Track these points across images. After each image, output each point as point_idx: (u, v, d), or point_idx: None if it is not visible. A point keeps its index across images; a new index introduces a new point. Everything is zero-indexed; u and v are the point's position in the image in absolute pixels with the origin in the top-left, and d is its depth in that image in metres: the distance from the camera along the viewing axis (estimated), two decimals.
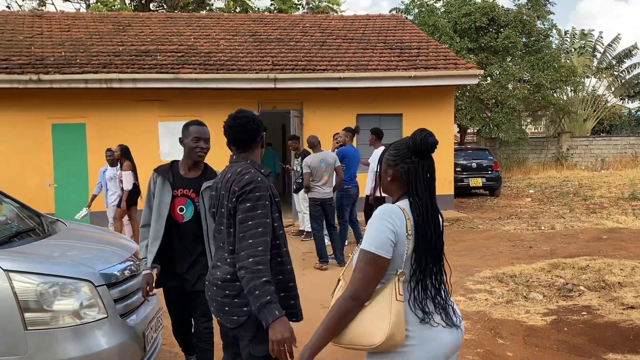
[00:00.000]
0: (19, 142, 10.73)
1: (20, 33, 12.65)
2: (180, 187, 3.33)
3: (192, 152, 3.31)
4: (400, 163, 2.02)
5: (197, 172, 3.39)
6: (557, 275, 6.43)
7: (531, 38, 22.18)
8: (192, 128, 3.35)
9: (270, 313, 2.17)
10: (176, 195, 3.32)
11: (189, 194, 3.32)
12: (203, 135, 3.33)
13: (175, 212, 3.32)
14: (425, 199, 2.01)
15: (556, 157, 23.11)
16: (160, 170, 3.41)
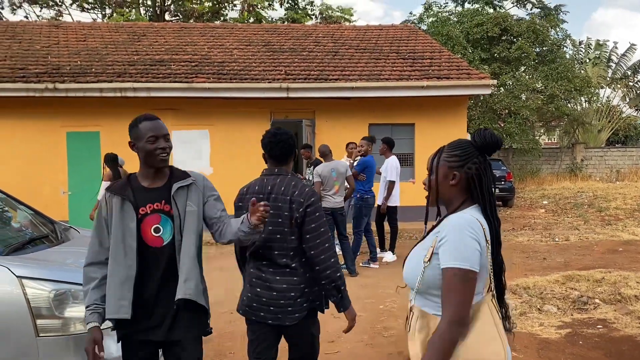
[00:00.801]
0: (34, 149, 10.86)
1: (38, 42, 12.85)
2: (147, 202, 2.47)
3: (151, 156, 2.47)
4: (468, 163, 1.83)
5: (164, 179, 2.54)
6: (571, 288, 6.33)
7: (544, 48, 22.10)
8: (144, 125, 2.48)
9: (347, 300, 2.88)
10: (145, 213, 2.46)
11: (161, 207, 2.48)
12: (160, 132, 2.49)
13: (149, 235, 2.46)
14: (494, 202, 1.85)
15: (570, 168, 22.91)
16: (114, 188, 2.51)
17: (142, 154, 2.49)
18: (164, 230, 2.48)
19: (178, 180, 2.53)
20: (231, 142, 11.43)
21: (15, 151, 10.85)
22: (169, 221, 2.49)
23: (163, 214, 2.49)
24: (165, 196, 2.50)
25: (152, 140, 2.47)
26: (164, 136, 2.50)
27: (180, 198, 2.51)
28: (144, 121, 2.51)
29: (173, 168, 2.61)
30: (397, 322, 5.28)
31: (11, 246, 3.27)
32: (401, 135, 11.72)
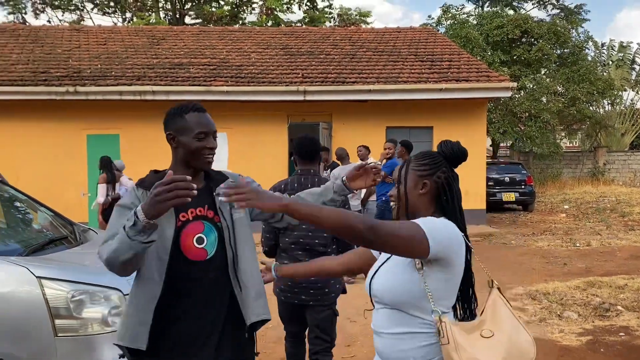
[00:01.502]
0: (55, 152, 11.02)
1: (59, 46, 13.05)
2: (189, 207, 2.03)
3: (196, 156, 2.06)
4: (437, 172, 1.83)
5: (201, 181, 2.15)
6: (593, 294, 6.22)
7: (565, 50, 21.81)
8: (193, 117, 2.07)
9: None
10: (186, 220, 2.05)
11: (204, 212, 2.08)
12: (211, 128, 2.10)
13: (191, 246, 2.03)
14: (461, 213, 1.87)
15: (592, 172, 22.54)
16: (148, 183, 2.01)
17: (183, 151, 2.05)
18: (207, 240, 2.04)
19: (218, 184, 1.96)
20: (248, 145, 11.47)
21: (36, 153, 11.02)
22: (213, 230, 2.06)
23: (207, 221, 2.07)
24: (208, 201, 2.10)
25: (202, 138, 2.03)
26: (213, 133, 2.10)
27: (224, 204, 2.06)
28: (192, 112, 2.06)
29: (209, 170, 2.22)
30: None
31: (31, 247, 3.31)
32: (419, 139, 11.63)
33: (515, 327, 1.75)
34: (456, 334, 1.68)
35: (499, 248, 9.79)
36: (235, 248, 2.09)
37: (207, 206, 2.09)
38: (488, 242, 10.38)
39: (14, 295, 2.82)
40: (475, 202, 11.96)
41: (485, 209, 12.32)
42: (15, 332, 2.77)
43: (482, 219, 12.03)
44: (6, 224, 4.06)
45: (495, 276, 6.78)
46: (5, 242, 3.61)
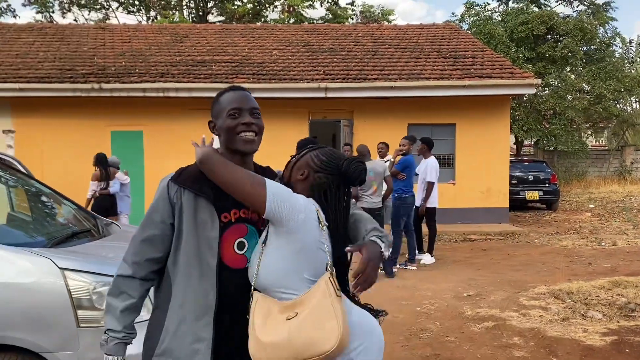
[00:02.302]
0: (80, 148, 11.20)
1: (85, 44, 13.26)
2: (232, 207, 1.81)
3: (231, 135, 1.84)
4: (322, 173, 1.78)
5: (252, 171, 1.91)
6: (618, 294, 6.10)
7: (592, 47, 21.40)
8: (227, 97, 1.90)
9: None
10: (228, 221, 1.81)
11: (248, 215, 1.83)
12: (247, 104, 1.87)
13: (229, 252, 1.80)
14: (338, 216, 1.78)
15: (619, 171, 22.11)
16: (184, 178, 1.83)
17: (222, 135, 1.87)
18: (248, 246, 1.81)
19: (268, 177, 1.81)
20: (270, 142, 11.41)
21: (62, 149, 11.21)
22: (255, 235, 1.82)
23: (250, 224, 1.83)
24: None
25: (235, 114, 1.84)
26: (250, 110, 1.86)
27: None
28: (226, 92, 1.92)
29: (257, 165, 1.98)
30: (434, 324, 5.19)
31: (55, 239, 3.37)
32: (441, 136, 11.55)
33: (324, 314, 1.59)
34: (256, 314, 1.67)
35: (521, 247, 9.67)
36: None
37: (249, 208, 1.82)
38: (511, 241, 10.25)
39: (38, 285, 2.87)
40: (498, 200, 11.82)
41: (508, 208, 12.17)
42: (39, 322, 2.82)
43: (505, 218, 11.89)
44: (31, 216, 4.14)
45: (517, 274, 6.71)
46: (30, 234, 3.68)
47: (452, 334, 4.93)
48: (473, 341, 4.73)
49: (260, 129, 1.88)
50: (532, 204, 15.28)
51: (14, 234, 3.54)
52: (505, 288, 6.51)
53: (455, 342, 4.71)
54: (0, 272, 2.86)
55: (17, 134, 11.30)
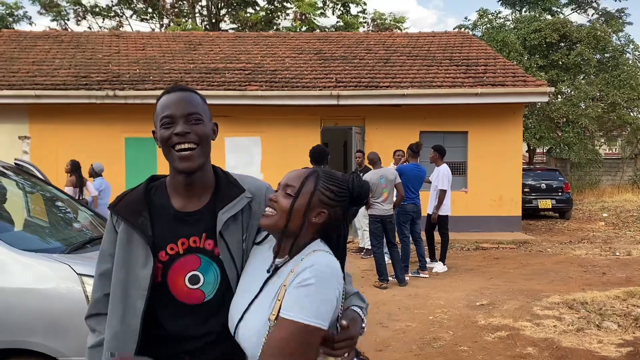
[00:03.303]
0: (94, 154, 11.31)
1: (100, 52, 13.43)
2: (179, 236, 1.56)
3: (166, 150, 1.56)
4: (339, 207, 1.50)
5: (205, 195, 1.61)
6: (633, 305, 6.03)
7: (605, 55, 21.28)
8: (161, 101, 1.58)
9: None
10: (175, 254, 1.55)
11: (200, 243, 1.57)
12: (180, 110, 1.54)
13: (181, 287, 1.55)
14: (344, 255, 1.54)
15: (633, 179, 21.90)
16: (121, 207, 1.61)
17: (162, 149, 1.57)
18: (205, 279, 1.55)
19: (226, 202, 1.57)
20: (282, 149, 11.55)
21: (76, 155, 11.28)
22: (212, 266, 1.56)
23: (204, 255, 1.56)
24: (207, 226, 1.56)
25: (167, 124, 1.52)
26: (185, 116, 1.52)
27: (232, 232, 1.57)
28: (164, 95, 1.58)
29: (220, 175, 1.65)
30: (446, 333, 5.17)
31: (72, 245, 3.41)
32: (453, 144, 11.53)
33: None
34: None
35: (534, 256, 9.60)
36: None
37: (206, 234, 1.56)
38: (524, 250, 10.18)
39: (56, 291, 2.91)
40: (510, 208, 11.76)
41: (521, 216, 12.10)
42: (57, 328, 2.85)
43: (517, 226, 11.82)
44: (49, 222, 4.19)
45: (530, 284, 6.68)
46: (47, 240, 3.73)
47: (465, 343, 4.90)
48: (486, 351, 4.70)
49: (202, 137, 1.52)
50: (544, 212, 15.17)
51: (32, 239, 3.59)
52: (518, 297, 6.47)
53: (468, 352, 4.69)
54: (19, 278, 2.91)
55: (32, 140, 11.45)
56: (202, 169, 1.56)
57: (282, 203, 1.47)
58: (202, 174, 1.58)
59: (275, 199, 1.49)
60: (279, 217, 1.47)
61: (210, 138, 1.59)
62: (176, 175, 1.58)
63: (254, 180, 1.72)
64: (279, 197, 1.49)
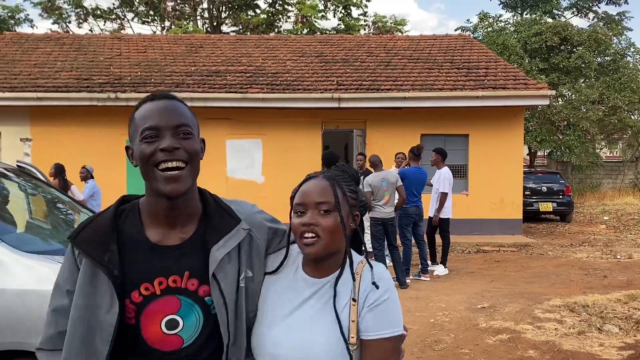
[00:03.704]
0: (95, 156, 11.33)
1: (101, 54, 13.45)
2: (155, 275, 1.33)
3: (146, 169, 1.32)
4: (358, 203, 1.48)
5: (190, 225, 1.39)
6: (635, 308, 6.03)
7: (606, 58, 21.30)
8: (140, 112, 1.35)
9: None
10: (150, 295, 1.33)
11: (181, 283, 1.35)
12: (168, 121, 1.31)
13: (155, 333, 1.34)
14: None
15: (634, 182, 21.90)
16: (83, 238, 1.35)
17: (139, 167, 1.33)
18: (185, 323, 1.33)
19: (218, 235, 1.36)
20: (283, 152, 11.56)
21: (78, 157, 11.33)
22: (194, 309, 1.34)
23: (186, 297, 1.33)
24: (191, 263, 1.34)
25: (150, 137, 1.28)
26: (174, 129, 1.29)
27: (227, 271, 1.35)
28: (144, 103, 1.35)
29: (209, 201, 1.43)
30: (448, 336, 5.17)
31: None
32: (454, 147, 11.53)
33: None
34: None
35: (535, 258, 9.59)
36: (235, 333, 1.36)
37: (190, 272, 1.33)
38: (525, 252, 10.18)
39: None
40: (511, 211, 11.76)
41: (522, 219, 12.09)
42: None
43: (518, 229, 11.81)
44: (50, 224, 4.20)
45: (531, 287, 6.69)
46: (49, 242, 3.74)
47: (466, 346, 4.90)
48: (488, 354, 4.70)
49: (192, 155, 1.31)
50: (545, 215, 15.17)
51: (34, 241, 3.60)
52: (519, 300, 6.47)
53: (469, 355, 4.69)
54: (21, 279, 2.91)
55: (34, 142, 11.47)
56: (189, 192, 1.33)
57: (325, 223, 1.35)
58: (188, 198, 1.34)
59: (315, 222, 1.35)
60: (328, 239, 1.35)
61: (199, 155, 1.36)
62: (157, 200, 1.32)
63: (245, 204, 1.50)
64: (317, 218, 1.35)
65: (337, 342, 1.33)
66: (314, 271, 1.42)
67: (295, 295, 1.40)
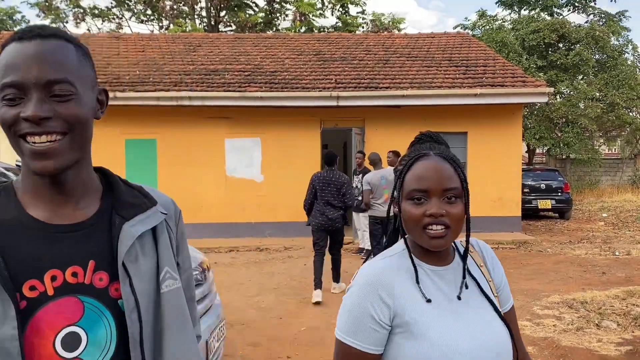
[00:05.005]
0: (94, 156, 11.17)
1: (99, 54, 13.44)
2: (47, 266, 0.94)
3: (15, 140, 0.97)
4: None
5: (89, 200, 1.05)
6: (633, 304, 6.06)
7: (604, 55, 21.33)
8: (3, 57, 0.94)
9: None
10: (40, 295, 0.93)
11: (85, 278, 0.96)
12: (35, 75, 0.92)
13: (49, 356, 0.92)
14: None
15: (632, 179, 21.93)
16: None
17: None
18: (90, 338, 0.96)
19: (132, 212, 1.04)
20: (282, 150, 11.58)
21: None
22: (104, 316, 0.98)
23: (91, 297, 0.97)
24: (97, 248, 0.99)
25: (11, 98, 0.94)
26: (44, 88, 0.94)
27: (141, 261, 1.01)
28: (11, 42, 0.97)
29: (112, 177, 1.15)
30: None
31: None
32: (453, 144, 11.50)
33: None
34: None
35: (534, 256, 9.62)
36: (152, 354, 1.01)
37: (96, 262, 0.98)
38: (523, 250, 10.20)
39: None
40: (510, 209, 11.78)
41: (520, 216, 12.12)
42: None
43: (517, 226, 11.84)
44: None
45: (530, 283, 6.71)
46: None
47: None
48: None
49: (73, 122, 0.96)
50: (544, 212, 15.20)
51: None
52: (518, 297, 6.49)
53: None
54: None
55: None
56: (76, 167, 1.01)
57: (455, 212, 1.23)
58: (77, 172, 1.02)
59: (444, 213, 1.20)
60: (457, 229, 1.25)
61: (90, 119, 1.01)
62: (32, 176, 0.99)
63: (157, 191, 1.15)
64: (445, 207, 1.21)
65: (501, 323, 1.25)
66: (446, 256, 1.29)
67: (446, 297, 1.23)
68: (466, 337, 1.16)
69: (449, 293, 1.23)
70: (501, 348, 1.20)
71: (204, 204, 11.22)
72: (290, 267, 8.57)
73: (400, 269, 1.23)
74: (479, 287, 1.25)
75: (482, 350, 1.17)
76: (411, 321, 1.17)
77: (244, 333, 5.16)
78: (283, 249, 10.21)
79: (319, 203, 6.57)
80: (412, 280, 1.21)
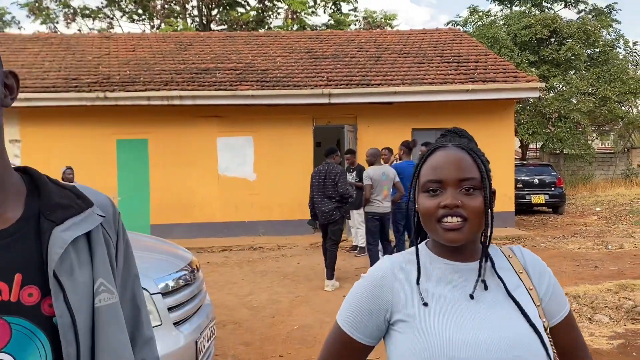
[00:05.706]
0: (85, 156, 11.27)
1: (90, 53, 13.36)
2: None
3: None
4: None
5: (13, 203, 0.90)
6: (625, 297, 6.06)
7: (596, 49, 21.39)
8: None
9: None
10: None
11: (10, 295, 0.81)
12: None
13: None
14: None
15: (625, 173, 22.02)
16: None
17: None
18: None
19: (62, 215, 0.90)
20: (274, 148, 11.54)
21: (68, 158, 11.26)
22: (36, 338, 0.83)
23: (20, 317, 0.82)
24: (29, 256, 0.85)
25: None
26: None
27: (77, 272, 0.87)
28: None
29: (37, 176, 1.03)
30: None
31: None
32: None
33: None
34: None
35: None
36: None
37: (23, 275, 0.84)
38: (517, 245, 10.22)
39: None
40: (503, 204, 11.79)
41: (514, 212, 12.14)
42: None
43: (510, 222, 11.86)
44: None
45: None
46: None
47: None
48: None
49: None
50: (538, 207, 15.23)
51: None
52: None
53: None
54: None
55: (23, 143, 11.38)
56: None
57: (473, 204, 1.16)
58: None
59: (459, 203, 1.14)
60: (476, 222, 1.17)
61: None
62: None
63: (92, 190, 1.01)
64: (462, 199, 1.15)
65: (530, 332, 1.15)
66: (470, 254, 1.21)
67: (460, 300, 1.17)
68: (468, 330, 1.11)
69: (462, 290, 1.16)
70: (517, 343, 1.11)
71: (196, 204, 11.18)
72: (283, 266, 8.55)
73: (408, 266, 1.21)
74: (505, 289, 1.17)
75: (489, 344, 1.10)
76: (411, 316, 1.15)
77: (236, 332, 5.13)
78: (277, 248, 10.18)
79: (315, 197, 6.97)
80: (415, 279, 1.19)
